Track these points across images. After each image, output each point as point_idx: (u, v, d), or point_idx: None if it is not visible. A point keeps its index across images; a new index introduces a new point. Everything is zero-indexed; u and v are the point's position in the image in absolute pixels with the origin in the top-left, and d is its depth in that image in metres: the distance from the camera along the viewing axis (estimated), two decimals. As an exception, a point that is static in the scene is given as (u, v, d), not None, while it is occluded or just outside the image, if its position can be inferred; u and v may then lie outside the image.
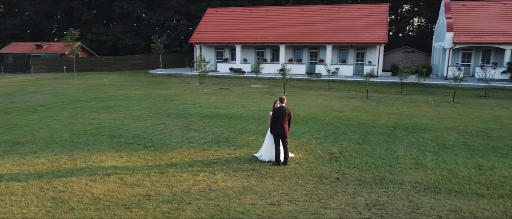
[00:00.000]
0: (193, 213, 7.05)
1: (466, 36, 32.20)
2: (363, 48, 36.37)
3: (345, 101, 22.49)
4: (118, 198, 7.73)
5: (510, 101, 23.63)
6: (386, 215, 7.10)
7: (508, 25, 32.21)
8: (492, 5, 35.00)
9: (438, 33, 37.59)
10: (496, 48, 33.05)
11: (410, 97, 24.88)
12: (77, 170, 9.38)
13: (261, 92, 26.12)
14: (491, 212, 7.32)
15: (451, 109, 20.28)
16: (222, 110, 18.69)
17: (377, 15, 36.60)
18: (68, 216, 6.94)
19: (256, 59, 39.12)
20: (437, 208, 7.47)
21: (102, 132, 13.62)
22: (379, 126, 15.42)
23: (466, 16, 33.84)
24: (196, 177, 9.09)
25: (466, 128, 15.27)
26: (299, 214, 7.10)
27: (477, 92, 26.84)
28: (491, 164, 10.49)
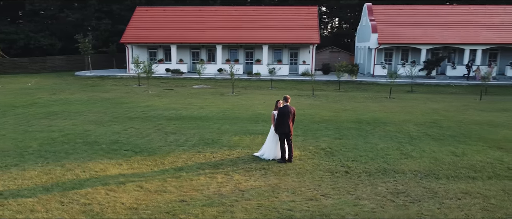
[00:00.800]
0: (245, 214, 7.07)
1: (389, 37, 35.30)
2: (297, 48, 37.91)
3: (295, 99, 23.38)
4: (154, 205, 7.41)
5: (435, 96, 26.55)
6: (416, 201, 7.80)
7: (422, 27, 35.96)
8: (408, 9, 38.80)
9: (361, 34, 40.57)
10: (413, 48, 36.69)
11: (350, 94, 26.68)
12: (85, 181, 8.72)
13: (210, 93, 26.02)
14: (493, 191, 8.42)
15: (392, 104, 22.23)
16: (183, 112, 18.36)
17: (308, 16, 38.41)
18: (113, 228, 6.54)
19: (191, 59, 38.66)
20: (450, 191, 8.38)
21: (73, 139, 12.65)
22: (344, 121, 16.42)
23: (386, 19, 37.04)
24: (215, 179, 9.01)
25: (418, 120, 16.94)
26: (342, 206, 7.50)
27: (404, 88, 29.56)
28: (460, 151, 11.89)
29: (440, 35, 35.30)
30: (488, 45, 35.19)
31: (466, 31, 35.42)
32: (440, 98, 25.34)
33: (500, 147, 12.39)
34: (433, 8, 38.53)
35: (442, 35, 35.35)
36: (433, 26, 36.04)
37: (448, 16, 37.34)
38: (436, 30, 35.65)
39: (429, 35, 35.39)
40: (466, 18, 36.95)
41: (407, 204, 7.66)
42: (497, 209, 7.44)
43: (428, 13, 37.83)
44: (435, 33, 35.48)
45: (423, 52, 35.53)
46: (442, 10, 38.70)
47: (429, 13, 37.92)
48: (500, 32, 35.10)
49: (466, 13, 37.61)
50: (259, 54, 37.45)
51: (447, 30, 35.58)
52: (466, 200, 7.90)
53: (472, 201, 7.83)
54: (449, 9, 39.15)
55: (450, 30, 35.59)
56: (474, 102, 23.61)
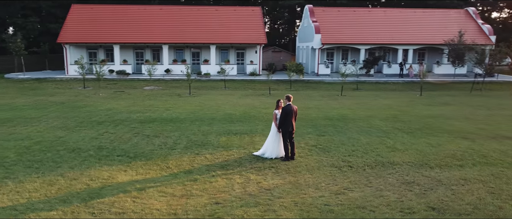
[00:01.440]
0: (287, 212, 7.22)
1: (331, 38, 37.02)
2: (243, 48, 38.25)
3: (256, 98, 23.75)
4: (192, 210, 7.27)
5: (380, 92, 28.49)
6: (429, 190, 8.51)
7: (360, 28, 38.23)
8: (345, 11, 41.00)
9: (303, 35, 42.03)
10: (353, 48, 38.85)
11: (304, 93, 27.64)
12: (99, 189, 8.25)
13: (167, 95, 25.41)
14: (485, 176, 9.43)
15: (348, 101, 23.49)
16: (150, 114, 17.84)
17: (252, 17, 38.96)
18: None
19: (135, 60, 37.29)
20: (451, 179, 9.24)
21: (52, 147, 11.78)
22: (315, 119, 17.07)
23: (327, 20, 38.80)
24: (233, 180, 9.02)
25: (381, 116, 18.15)
26: (370, 198, 7.96)
27: (350, 86, 31.20)
28: (435, 142, 13.05)
29: (376, 36, 37.79)
30: (418, 45, 38.40)
31: (399, 33, 38.29)
32: (385, 94, 27.25)
33: (465, 137, 13.78)
34: (368, 11, 41.17)
35: (378, 36, 37.87)
36: (369, 28, 38.46)
37: (382, 18, 40.08)
38: (373, 31, 38.10)
39: (367, 36, 37.71)
40: (398, 20, 39.94)
41: (423, 192, 8.33)
42: (500, 191, 8.39)
43: (364, 16, 40.31)
44: (372, 34, 37.89)
45: (362, 52, 37.78)
46: (377, 13, 41.45)
47: (364, 15, 40.42)
48: (427, 34, 38.46)
49: (398, 16, 40.68)
50: (206, 54, 37.21)
51: (382, 32, 38.19)
52: (469, 185, 8.78)
53: (475, 186, 8.73)
54: (382, 12, 42.01)
55: (385, 31, 38.24)
56: (416, 98, 25.74)
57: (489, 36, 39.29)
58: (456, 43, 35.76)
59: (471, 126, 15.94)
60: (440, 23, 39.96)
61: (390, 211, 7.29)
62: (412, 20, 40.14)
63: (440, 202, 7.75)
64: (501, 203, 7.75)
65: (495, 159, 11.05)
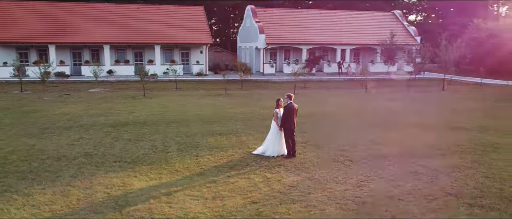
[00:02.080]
0: (329, 207, 7.47)
1: (275, 38, 37.94)
2: (187, 48, 37.71)
3: (215, 99, 23.64)
4: (235, 211, 7.25)
5: (329, 90, 29.85)
6: (435, 177, 9.32)
7: (301, 29, 39.68)
8: (286, 12, 42.26)
9: (245, 35, 42.51)
10: (294, 48, 40.15)
11: (259, 92, 28.03)
12: (123, 197, 7.84)
13: (120, 97, 24.26)
14: (470, 163, 10.53)
15: (305, 98, 24.28)
16: (116, 117, 17.05)
17: (195, 16, 38.57)
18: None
19: (72, 61, 35.00)
20: (445, 167, 10.17)
21: (33, 156, 10.84)
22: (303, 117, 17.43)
23: (269, 21, 39.70)
24: (254, 179, 9.10)
25: (346, 112, 19.15)
26: (391, 188, 8.53)
27: (298, 85, 32.22)
28: (410, 134, 14.15)
29: (316, 37, 39.50)
30: (354, 46, 40.81)
31: (337, 34, 40.43)
32: (335, 92, 28.66)
33: (431, 130, 15.10)
34: (306, 12, 42.92)
35: (318, 36, 39.62)
36: (309, 29, 40.09)
37: (319, 20, 41.95)
38: (313, 32, 39.77)
39: (308, 37, 39.26)
40: (335, 22, 42.10)
41: (431, 180, 9.11)
42: (492, 175, 9.45)
43: (303, 17, 41.90)
44: (312, 35, 39.53)
45: (304, 51, 39.24)
46: (314, 14, 43.22)
47: (303, 16, 42.02)
48: (361, 35, 41.08)
49: (334, 18, 42.85)
50: (150, 54, 36.10)
51: (321, 32, 40.01)
52: (465, 172, 9.76)
53: (469, 172, 9.73)
54: (319, 13, 43.83)
55: (324, 32, 40.11)
56: (365, 94, 27.41)
57: (414, 37, 42.94)
58: (388, 44, 38.61)
59: (428, 119, 17.44)
60: (371, 24, 42.86)
61: (416, 199, 7.90)
62: (347, 21, 42.54)
63: (451, 188, 8.55)
64: (499, 185, 8.76)
65: (467, 147, 12.33)
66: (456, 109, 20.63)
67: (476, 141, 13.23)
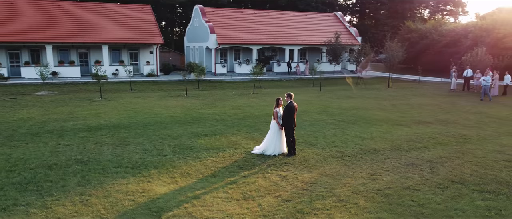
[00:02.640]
0: (359, 201, 7.79)
1: (226, 38, 37.91)
2: (136, 48, 36.40)
3: (177, 99, 23.16)
4: (274, 210, 7.31)
5: (283, 89, 30.44)
6: (433, 168, 10.06)
7: (250, 29, 40.05)
8: (234, 12, 42.37)
9: (194, 35, 41.94)
10: (244, 48, 40.42)
11: (217, 92, 27.88)
12: (151, 203, 7.55)
13: (76, 100, 22.86)
14: (454, 154, 11.48)
15: (266, 97, 24.65)
16: (87, 122, 16.14)
17: (143, 15, 37.35)
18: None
19: (9, 62, 32.18)
20: (437, 158, 11.02)
21: (18, 166, 10.02)
22: (263, 116, 17.72)
23: (219, 21, 39.57)
24: (271, 178, 9.19)
25: (313, 109, 19.76)
26: (403, 180, 9.07)
27: (251, 84, 32.56)
28: (383, 130, 15.02)
29: (266, 37, 40.09)
30: (301, 45, 42.03)
31: (285, 34, 41.35)
32: (294, 91, 29.19)
33: (400, 124, 16.15)
34: (254, 12, 43.29)
35: (267, 36, 40.24)
36: (258, 29, 40.59)
37: (267, 20, 42.63)
38: (262, 32, 40.32)
39: (257, 36, 39.71)
40: (282, 22, 43.02)
41: (432, 170, 9.82)
42: (480, 163, 10.41)
43: (251, 17, 42.27)
44: (261, 35, 40.06)
45: (254, 51, 39.63)
46: (262, 15, 43.80)
47: (251, 16, 42.40)
48: (307, 35, 42.43)
49: (281, 18, 43.76)
50: (97, 55, 34.31)
51: (270, 32, 40.71)
52: (454, 161, 10.64)
53: (459, 162, 10.63)
54: (267, 14, 44.55)
55: (272, 32, 40.84)
56: (319, 93, 28.39)
57: (356, 37, 45.21)
58: (334, 44, 40.28)
59: (392, 115, 18.58)
60: (315, 25, 44.44)
61: (430, 189, 8.50)
62: (293, 22, 43.69)
63: (454, 177, 9.31)
64: (491, 172, 9.69)
65: (443, 139, 13.39)
66: (411, 104, 22.16)
67: (445, 133, 14.39)
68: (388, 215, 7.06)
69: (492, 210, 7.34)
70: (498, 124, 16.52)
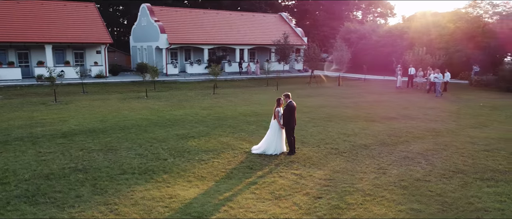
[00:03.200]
0: (390, 195, 8.18)
1: (177, 38, 37.17)
2: (82, 48, 34.44)
3: (140, 101, 22.37)
4: (314, 206, 7.47)
5: (241, 89, 30.63)
6: (427, 160, 10.81)
7: (200, 29, 39.67)
8: (183, 12, 41.65)
9: (141, 34, 40.58)
10: (195, 48, 39.90)
11: (177, 93, 27.30)
12: (186, 208, 7.34)
13: (29, 104, 21.19)
14: (436, 145, 12.42)
15: (231, 98, 24.66)
16: (56, 127, 15.11)
17: (88, 13, 35.43)
18: None
19: None
20: (425, 150, 11.84)
21: (9, 177, 9.21)
22: (240, 116, 17.73)
23: (168, 20, 38.70)
24: (287, 177, 9.31)
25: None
26: (410, 172, 9.66)
27: (208, 84, 32.33)
28: (360, 126, 15.78)
29: (217, 37, 39.94)
30: (251, 45, 42.41)
31: (235, 34, 41.48)
32: (249, 90, 29.57)
33: (372, 120, 17.05)
34: (203, 12, 42.91)
35: (218, 36, 40.11)
36: (208, 29, 40.32)
37: (216, 20, 42.47)
38: (212, 32, 40.11)
39: (208, 36, 39.43)
40: (232, 22, 43.09)
41: (429, 162, 10.55)
42: (464, 154, 11.37)
43: (200, 16, 41.86)
44: (212, 35, 39.84)
45: (206, 51, 39.29)
46: (211, 14, 43.53)
47: (200, 16, 41.99)
48: (256, 35, 42.94)
49: (229, 18, 43.81)
50: (39, 55, 31.92)
51: (220, 32, 40.61)
52: (442, 153, 11.52)
53: (445, 153, 11.52)
54: (215, 14, 44.32)
55: (223, 32, 40.77)
56: (277, 92, 28.89)
57: (302, 38, 46.57)
58: (283, 44, 41.17)
59: (359, 112, 19.51)
60: (263, 26, 45.14)
61: (437, 179, 9.16)
62: (242, 22, 43.97)
63: (450, 167, 10.10)
64: (479, 161, 10.64)
65: (418, 133, 14.37)
66: (369, 101, 23.41)
67: (416, 127, 15.46)
68: (418, 206, 7.52)
69: (501, 195, 8.12)
70: (454, 117, 18.04)
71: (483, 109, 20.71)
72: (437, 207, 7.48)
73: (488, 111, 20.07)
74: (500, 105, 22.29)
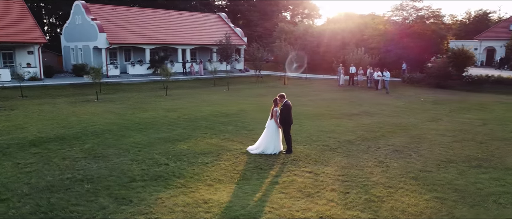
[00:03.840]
0: (407, 186, 8.72)
1: (118, 37, 35.46)
2: (11, 48, 31.41)
3: (96, 105, 21.12)
4: (353, 200, 7.78)
5: (193, 90, 30.16)
6: (422, 153, 11.68)
7: (141, 28, 38.25)
8: (122, 10, 39.82)
9: (75, 33, 38.03)
10: (135, 48, 38.36)
11: (129, 94, 26.08)
12: (226, 211, 7.24)
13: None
14: (411, 139, 13.45)
15: (195, 99, 24.18)
16: (16, 135, 13.80)
17: (16, 11, 32.42)
18: None
19: None
20: (408, 144, 12.74)
21: (6, 193, 8.36)
22: (214, 116, 17.53)
23: (105, 19, 36.77)
24: (302, 174, 9.53)
25: (252, 108, 20.31)
26: (411, 164, 10.38)
27: (154, 86, 31.37)
28: (333, 123, 16.48)
29: (158, 36, 38.81)
30: (193, 45, 41.84)
31: (176, 34, 40.63)
32: (201, 91, 29.21)
33: (338, 117, 17.84)
34: (142, 11, 41.38)
35: (159, 36, 39.01)
36: (148, 28, 39.03)
37: (156, 19, 41.24)
38: (153, 31, 38.90)
39: (149, 36, 38.16)
40: (172, 22, 42.12)
41: (419, 154, 11.41)
42: (443, 146, 12.45)
43: (140, 15, 40.37)
44: (153, 34, 38.64)
45: (147, 52, 37.97)
46: (149, 14, 42.11)
47: (140, 15, 40.50)
48: (197, 35, 42.48)
49: (168, 18, 42.78)
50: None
51: (161, 32, 39.54)
52: (423, 145, 12.49)
53: (425, 145, 12.52)
54: (154, 13, 42.96)
55: (164, 32, 39.75)
56: (229, 92, 28.95)
57: (241, 38, 46.96)
58: (225, 44, 41.20)
59: (321, 109, 20.27)
60: (203, 25, 44.79)
61: (436, 169, 9.98)
62: (182, 21, 43.21)
63: (440, 157, 11.04)
64: (458, 151, 11.74)
65: (388, 128, 15.39)
66: (324, 99, 24.43)
67: (384, 123, 16.53)
68: (438, 194, 8.17)
69: (498, 180, 9.10)
70: (408, 112, 19.54)
71: (426, 104, 22.64)
72: (455, 194, 8.19)
73: (432, 106, 22.00)
74: (439, 100, 24.55)
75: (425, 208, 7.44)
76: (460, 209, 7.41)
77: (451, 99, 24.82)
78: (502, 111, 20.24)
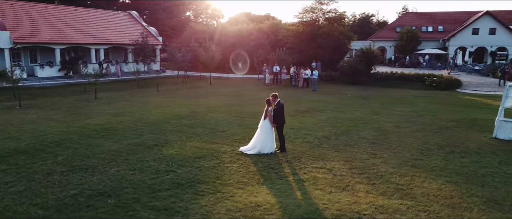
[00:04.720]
0: (415, 173, 9.57)
1: (24, 36, 31.69)
2: None
3: (25, 113, 18.79)
4: (386, 191, 8.35)
5: (120, 92, 28.40)
6: (401, 145, 12.83)
7: (53, 27, 34.72)
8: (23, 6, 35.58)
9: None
10: (42, 48, 34.67)
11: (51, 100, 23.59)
12: (266, 214, 7.31)
13: None
14: (381, 133, 14.71)
15: (135, 102, 22.82)
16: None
17: None
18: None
19: None
20: (386, 137, 13.91)
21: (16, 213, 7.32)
22: (173, 119, 16.92)
23: (14, 16, 32.72)
24: (320, 170, 9.88)
25: (217, 110, 19.98)
26: (398, 155, 11.41)
27: (76, 88, 28.85)
28: (298, 120, 17.14)
29: (68, 35, 35.64)
30: (107, 45, 39.26)
31: (88, 33, 37.72)
32: (132, 93, 27.71)
33: (295, 115, 18.52)
34: (60, 8, 37.57)
35: (70, 35, 35.85)
36: (57, 26, 35.64)
37: (63, 16, 37.78)
38: (67, 30, 35.65)
39: (58, 35, 34.85)
40: (80, 19, 38.95)
41: (399, 144, 12.55)
42: (407, 135, 13.85)
43: (43, 12, 36.60)
44: (63, 33, 35.37)
45: (57, 52, 34.63)
46: (54, 10, 38.39)
47: (43, 11, 36.72)
48: (111, 34, 40.00)
49: (76, 15, 39.48)
50: None
51: (72, 31, 36.38)
52: (392, 136, 13.74)
53: (393, 136, 13.79)
54: (59, 9, 39.25)
55: (74, 31, 36.62)
56: (159, 93, 27.97)
57: (157, 37, 45.40)
58: (142, 44, 39.50)
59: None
60: (114, 24, 42.38)
61: (426, 157, 11.14)
62: (90, 19, 40.27)
63: (420, 146, 12.31)
64: (429, 140, 13.20)
65: (349, 122, 16.50)
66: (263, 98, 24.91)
67: (339, 118, 17.63)
68: (447, 178, 9.21)
69: (480, 163, 10.55)
70: (349, 107, 21.06)
71: (357, 99, 24.63)
72: (461, 176, 9.34)
73: (363, 101, 24.01)
74: (364, 95, 26.86)
75: (451, 191, 8.37)
76: (477, 190, 8.48)
77: (373, 95, 27.31)
78: (423, 104, 22.98)
